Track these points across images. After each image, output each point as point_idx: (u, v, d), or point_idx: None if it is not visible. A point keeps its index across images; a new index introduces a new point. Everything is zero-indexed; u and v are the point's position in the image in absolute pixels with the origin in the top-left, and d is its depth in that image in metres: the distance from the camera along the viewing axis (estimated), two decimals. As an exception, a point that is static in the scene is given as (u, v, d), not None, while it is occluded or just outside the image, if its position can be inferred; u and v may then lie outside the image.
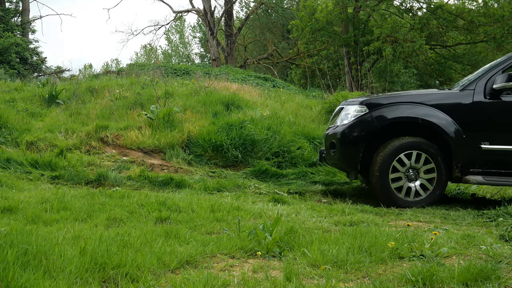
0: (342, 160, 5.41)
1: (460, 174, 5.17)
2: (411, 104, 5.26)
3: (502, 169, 5.13)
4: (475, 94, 5.21)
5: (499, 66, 5.37)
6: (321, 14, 22.43)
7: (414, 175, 5.19)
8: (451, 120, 5.16)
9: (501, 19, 18.34)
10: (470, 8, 20.19)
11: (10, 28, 20.41)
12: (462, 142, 5.13)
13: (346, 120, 5.44)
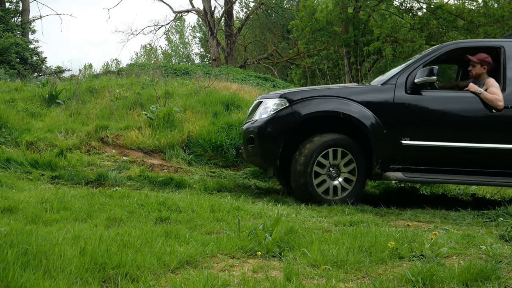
0: (261, 156, 5.22)
1: (380, 171, 5.07)
2: (333, 98, 5.12)
3: (422, 166, 5.06)
4: (396, 88, 5.13)
5: (421, 60, 5.28)
6: (321, 14, 22.43)
7: (336, 173, 5.07)
8: (372, 115, 5.04)
9: (501, 19, 18.35)
10: (470, 8, 20.20)
11: (10, 28, 20.41)
12: (383, 138, 5.03)
13: (265, 114, 5.25)
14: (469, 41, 5.73)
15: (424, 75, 4.99)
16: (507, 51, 5.27)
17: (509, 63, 5.21)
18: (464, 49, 5.48)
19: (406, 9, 21.11)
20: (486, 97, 5.06)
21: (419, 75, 5.04)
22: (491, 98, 5.04)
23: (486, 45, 5.51)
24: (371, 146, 5.05)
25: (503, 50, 5.29)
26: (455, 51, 5.41)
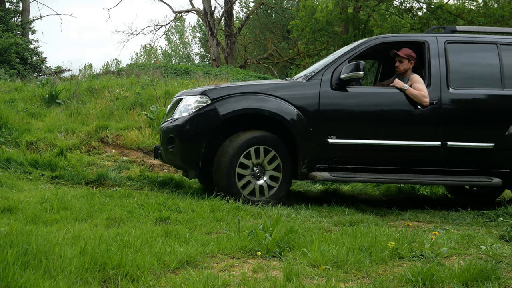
0: (182, 157, 4.91)
1: (306, 170, 4.89)
2: (258, 94, 4.90)
3: (349, 164, 4.94)
4: (322, 84, 4.96)
5: (347, 55, 5.13)
6: (321, 14, 22.44)
7: (260, 172, 4.86)
8: (297, 112, 4.85)
9: (501, 19, 18.34)
10: (470, 8, 20.20)
11: (10, 28, 20.41)
12: (309, 136, 4.86)
13: (186, 112, 4.94)
14: (394, 36, 5.63)
15: (350, 70, 4.82)
16: (431, 46, 5.19)
17: (434, 59, 5.14)
18: (389, 44, 5.36)
19: (406, 9, 21.11)
20: (412, 93, 4.96)
21: (345, 70, 4.87)
22: (417, 94, 4.95)
23: (410, 40, 5.42)
24: (297, 145, 4.87)
25: (427, 45, 5.20)
26: (379, 45, 5.30)
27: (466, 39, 5.35)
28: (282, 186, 4.89)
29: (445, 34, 5.39)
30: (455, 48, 5.24)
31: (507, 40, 5.36)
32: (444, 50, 5.17)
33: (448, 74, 5.09)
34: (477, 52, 5.32)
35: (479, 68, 5.27)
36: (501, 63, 5.19)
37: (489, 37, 5.41)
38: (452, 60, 5.16)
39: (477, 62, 5.29)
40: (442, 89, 5.04)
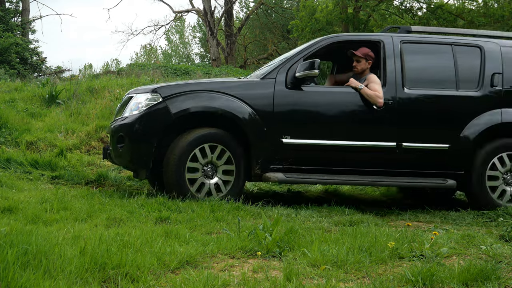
0: (132, 157, 4.73)
1: (260, 171, 4.78)
2: (211, 93, 4.77)
3: (303, 165, 4.85)
4: (276, 83, 4.86)
5: (302, 53, 5.03)
6: (321, 14, 22.44)
7: (212, 171, 4.72)
8: (251, 111, 4.74)
9: (501, 19, 18.33)
10: (470, 8, 20.19)
11: (10, 28, 20.40)
12: (263, 136, 4.75)
13: (136, 110, 4.77)
14: (349, 35, 5.60)
15: (305, 68, 4.73)
16: (386, 46, 5.14)
17: (389, 59, 5.09)
18: (344, 43, 5.29)
19: (406, 9, 21.11)
20: (366, 93, 4.90)
21: (300, 68, 4.77)
22: (371, 94, 4.89)
23: (366, 39, 5.36)
24: (251, 144, 4.76)
25: (383, 44, 5.15)
26: (335, 44, 5.22)
27: (421, 39, 5.33)
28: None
29: (400, 34, 5.36)
30: (411, 48, 5.20)
31: (461, 41, 5.35)
32: (400, 50, 5.12)
33: (403, 74, 5.05)
34: (432, 52, 5.31)
35: (434, 69, 5.27)
36: (456, 64, 5.18)
37: (444, 38, 5.41)
38: (408, 60, 5.12)
39: (432, 62, 5.28)
40: (397, 89, 5.00)
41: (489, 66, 5.22)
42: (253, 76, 5.22)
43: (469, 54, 5.27)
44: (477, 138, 5.03)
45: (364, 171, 4.94)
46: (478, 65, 5.23)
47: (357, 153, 4.92)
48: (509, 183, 5.11)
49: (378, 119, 4.94)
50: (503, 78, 5.20)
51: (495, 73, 5.19)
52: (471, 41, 5.36)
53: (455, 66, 5.17)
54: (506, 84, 5.20)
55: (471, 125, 5.05)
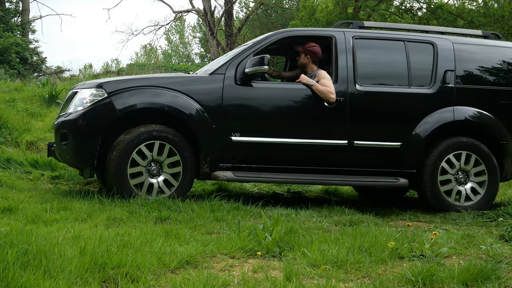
0: (75, 155, 4.57)
1: (209, 170, 4.65)
2: (158, 88, 4.62)
3: (253, 164, 4.74)
4: (225, 79, 4.73)
5: (251, 48, 4.91)
6: (321, 14, 22.42)
7: (157, 170, 4.57)
8: (199, 108, 4.61)
9: (501, 19, 18.33)
10: (470, 8, 20.18)
11: (10, 28, 20.39)
12: (211, 133, 4.63)
13: (81, 106, 4.58)
14: (300, 30, 5.50)
15: (255, 63, 4.62)
16: (338, 41, 5.03)
17: (341, 54, 4.99)
18: (295, 38, 5.19)
19: (406, 9, 21.11)
20: (318, 89, 4.79)
21: (250, 64, 4.65)
22: (323, 90, 4.79)
23: (317, 35, 5.28)
24: (199, 142, 4.63)
25: (335, 40, 5.04)
26: (285, 39, 5.12)
27: (374, 35, 5.26)
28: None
29: (353, 29, 5.25)
30: (363, 44, 5.12)
31: (414, 37, 5.27)
32: (352, 45, 5.02)
33: (355, 71, 4.96)
34: (385, 48, 5.22)
35: (387, 65, 5.21)
36: (408, 60, 5.11)
37: (397, 34, 5.32)
38: (360, 56, 5.03)
39: (384, 58, 5.22)
40: (349, 86, 4.91)
41: (442, 63, 5.14)
42: (203, 72, 5.10)
43: (422, 51, 5.20)
44: (429, 136, 4.96)
45: (316, 170, 4.85)
46: (431, 62, 5.16)
47: (308, 151, 4.83)
48: (461, 182, 5.03)
49: (329, 116, 4.85)
50: (456, 75, 5.13)
51: (447, 70, 5.11)
52: (424, 38, 5.27)
53: (408, 63, 5.09)
54: (458, 81, 5.14)
55: (423, 123, 4.98)
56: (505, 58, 5.37)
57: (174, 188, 4.59)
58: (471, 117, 5.07)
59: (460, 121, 5.04)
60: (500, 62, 5.34)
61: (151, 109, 4.59)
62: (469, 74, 5.22)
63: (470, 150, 5.02)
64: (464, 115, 5.06)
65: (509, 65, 5.36)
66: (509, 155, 5.13)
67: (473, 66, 5.25)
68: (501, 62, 5.35)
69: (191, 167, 4.63)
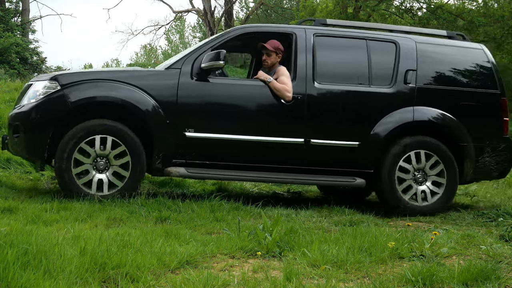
0: (26, 147, 4.52)
1: (161, 165, 4.59)
2: (111, 82, 4.55)
3: (207, 160, 4.67)
4: (181, 74, 4.67)
5: (209, 44, 4.84)
6: (321, 14, 22.42)
7: (105, 165, 4.47)
8: (153, 103, 4.55)
9: (501, 19, 18.33)
10: (470, 8, 20.18)
11: (10, 28, 20.39)
12: (165, 129, 4.56)
13: (34, 99, 4.52)
14: (260, 26, 5.43)
15: (211, 58, 4.56)
16: (299, 38, 4.95)
17: (300, 51, 4.91)
18: (256, 34, 5.11)
19: (406, 9, 21.11)
20: (275, 87, 4.72)
21: (206, 59, 4.60)
22: (280, 88, 4.71)
23: (278, 31, 5.21)
24: (152, 137, 4.56)
25: (295, 37, 4.96)
26: (245, 35, 5.03)
27: (336, 33, 5.17)
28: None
29: (314, 27, 5.16)
30: (324, 41, 5.05)
31: (377, 35, 5.20)
32: (312, 43, 4.95)
33: (314, 68, 4.89)
34: (346, 46, 5.16)
35: (347, 63, 5.15)
36: (370, 59, 5.04)
37: (359, 32, 5.25)
38: (320, 54, 4.96)
39: (345, 57, 5.16)
40: (307, 84, 4.83)
41: (403, 62, 5.07)
42: (160, 67, 5.00)
43: (384, 50, 5.13)
44: (388, 136, 4.88)
45: (272, 168, 4.78)
46: (393, 61, 5.09)
47: (264, 149, 4.77)
48: (419, 182, 4.93)
49: (286, 114, 4.78)
50: (417, 75, 5.06)
51: (409, 70, 5.04)
52: (386, 37, 5.20)
53: (369, 62, 5.02)
54: (420, 81, 5.06)
55: (382, 122, 4.90)
56: (468, 59, 5.29)
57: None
58: (431, 118, 5.00)
59: (419, 121, 4.96)
60: (463, 63, 5.27)
61: (104, 102, 4.52)
62: (430, 74, 5.13)
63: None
64: (424, 116, 4.98)
65: (472, 66, 5.28)
66: (470, 157, 5.03)
67: (435, 66, 5.18)
68: (464, 63, 5.27)
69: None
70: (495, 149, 5.10)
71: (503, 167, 5.18)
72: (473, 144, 5.04)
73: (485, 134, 5.13)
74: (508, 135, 5.19)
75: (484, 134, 5.12)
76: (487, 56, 5.34)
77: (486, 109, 5.20)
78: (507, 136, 5.17)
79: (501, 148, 5.11)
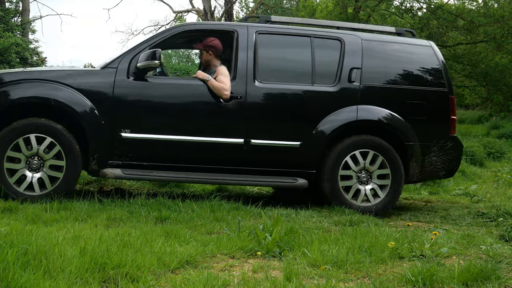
0: None
1: (97, 167, 4.49)
2: (45, 82, 4.45)
3: (144, 161, 4.58)
4: (117, 73, 4.57)
5: (147, 42, 4.72)
6: (321, 14, 22.42)
7: (38, 164, 4.36)
8: (88, 103, 4.45)
9: (501, 19, 18.33)
10: (470, 8, 20.18)
11: (10, 28, 20.39)
12: (100, 129, 4.46)
13: None
14: (201, 23, 5.32)
15: (147, 58, 4.47)
16: (240, 36, 4.83)
17: (242, 49, 4.79)
18: (195, 32, 5.02)
19: (406, 9, 21.10)
20: (213, 85, 4.62)
21: (142, 58, 4.50)
22: (218, 86, 4.60)
23: (220, 29, 5.13)
24: (87, 138, 4.46)
25: (237, 34, 4.83)
26: (185, 33, 4.93)
27: (279, 30, 5.03)
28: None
29: (257, 24, 5.04)
30: (267, 39, 4.93)
31: (322, 33, 5.07)
32: (254, 40, 4.83)
33: (255, 67, 4.77)
34: (289, 44, 5.04)
35: (290, 62, 5.04)
36: (313, 57, 4.91)
37: (303, 29, 5.09)
38: (262, 52, 4.85)
39: (288, 55, 5.05)
40: (248, 83, 4.72)
41: (348, 60, 4.95)
42: (98, 66, 4.89)
43: (329, 47, 5.01)
44: (331, 136, 4.78)
45: (212, 169, 4.69)
46: (337, 59, 4.96)
47: (203, 150, 4.68)
48: (363, 182, 4.83)
49: (225, 113, 4.68)
50: (362, 73, 4.94)
51: (353, 68, 4.92)
52: (331, 34, 5.08)
53: (313, 60, 4.90)
54: (365, 79, 4.93)
55: (325, 122, 4.79)
56: (416, 56, 5.16)
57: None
58: (375, 117, 4.89)
59: (363, 120, 4.86)
60: (410, 60, 5.15)
61: (37, 102, 4.43)
62: (376, 72, 5.01)
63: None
64: (368, 115, 4.87)
65: (420, 63, 5.15)
66: (416, 156, 4.90)
67: (381, 64, 5.05)
68: (412, 60, 5.15)
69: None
70: (442, 148, 4.98)
71: (451, 167, 5.05)
72: (419, 143, 4.91)
73: (432, 133, 4.99)
74: (455, 134, 5.10)
75: (431, 133, 4.99)
76: (435, 53, 5.20)
77: (434, 108, 5.07)
78: (454, 135, 5.08)
79: (448, 147, 4.99)
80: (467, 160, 9.75)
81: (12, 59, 18.50)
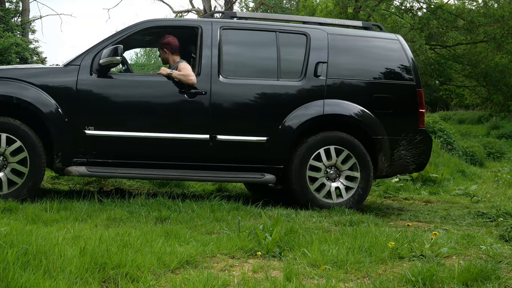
0: None
1: (61, 165, 4.45)
2: (7, 80, 4.44)
3: (109, 159, 4.56)
4: (80, 70, 4.55)
5: (111, 39, 4.69)
6: (321, 14, 22.42)
7: (2, 164, 4.34)
8: (51, 101, 4.43)
9: (501, 19, 18.34)
10: (470, 8, 20.19)
11: (10, 28, 20.38)
12: (64, 127, 4.44)
13: None
14: (164, 20, 5.30)
15: (109, 54, 4.44)
16: (204, 32, 4.82)
17: (206, 45, 4.78)
18: (159, 29, 4.96)
19: (406, 9, 21.10)
20: (176, 76, 4.61)
21: (104, 55, 4.48)
22: (182, 74, 4.61)
23: (183, 25, 5.12)
24: (51, 136, 4.43)
25: (201, 30, 4.82)
26: (149, 30, 4.90)
27: (244, 26, 5.05)
28: (29, 181, 4.35)
29: (222, 19, 5.06)
30: (232, 34, 4.94)
31: (287, 28, 5.07)
32: (219, 36, 4.82)
33: (220, 63, 4.76)
34: (255, 39, 5.05)
35: (256, 57, 5.05)
36: (279, 52, 4.90)
37: (268, 24, 5.09)
38: (227, 48, 4.85)
39: (253, 50, 5.06)
40: (212, 79, 4.71)
41: (314, 54, 4.93)
42: (61, 63, 4.85)
43: (295, 42, 5.00)
44: (297, 131, 4.76)
45: (177, 165, 4.66)
46: (303, 53, 4.94)
47: (168, 146, 4.66)
48: (331, 178, 4.80)
49: (190, 109, 4.68)
50: (328, 67, 4.91)
51: (319, 62, 4.90)
52: (297, 28, 5.07)
53: (278, 54, 4.89)
54: (331, 74, 4.91)
55: (291, 117, 4.77)
56: (383, 50, 5.15)
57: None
58: (342, 111, 4.87)
59: (330, 114, 4.84)
60: (377, 54, 5.11)
61: None
62: (342, 66, 5.00)
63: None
64: (334, 109, 4.85)
65: (387, 57, 5.13)
66: (384, 150, 4.87)
67: (347, 58, 5.05)
68: (379, 54, 5.13)
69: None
70: (411, 142, 4.95)
71: (420, 160, 5.03)
72: (387, 137, 4.89)
73: (400, 126, 4.97)
74: (424, 128, 5.08)
75: (399, 127, 4.96)
76: (403, 47, 5.19)
77: (401, 101, 5.06)
78: (423, 129, 5.05)
79: (417, 141, 4.96)
80: (467, 160, 9.76)
81: (12, 59, 18.50)
